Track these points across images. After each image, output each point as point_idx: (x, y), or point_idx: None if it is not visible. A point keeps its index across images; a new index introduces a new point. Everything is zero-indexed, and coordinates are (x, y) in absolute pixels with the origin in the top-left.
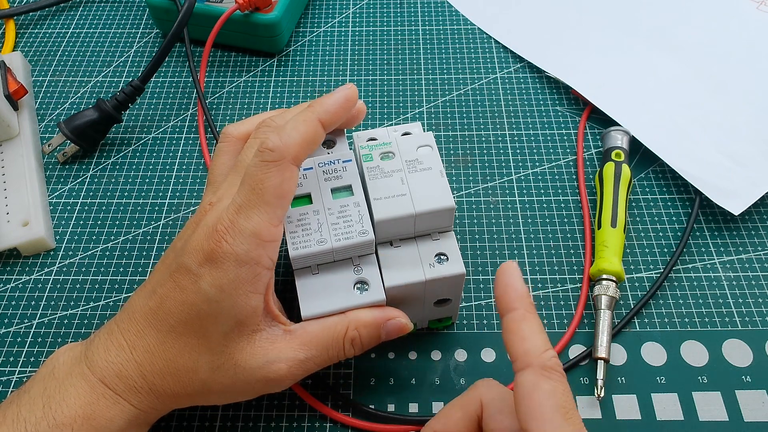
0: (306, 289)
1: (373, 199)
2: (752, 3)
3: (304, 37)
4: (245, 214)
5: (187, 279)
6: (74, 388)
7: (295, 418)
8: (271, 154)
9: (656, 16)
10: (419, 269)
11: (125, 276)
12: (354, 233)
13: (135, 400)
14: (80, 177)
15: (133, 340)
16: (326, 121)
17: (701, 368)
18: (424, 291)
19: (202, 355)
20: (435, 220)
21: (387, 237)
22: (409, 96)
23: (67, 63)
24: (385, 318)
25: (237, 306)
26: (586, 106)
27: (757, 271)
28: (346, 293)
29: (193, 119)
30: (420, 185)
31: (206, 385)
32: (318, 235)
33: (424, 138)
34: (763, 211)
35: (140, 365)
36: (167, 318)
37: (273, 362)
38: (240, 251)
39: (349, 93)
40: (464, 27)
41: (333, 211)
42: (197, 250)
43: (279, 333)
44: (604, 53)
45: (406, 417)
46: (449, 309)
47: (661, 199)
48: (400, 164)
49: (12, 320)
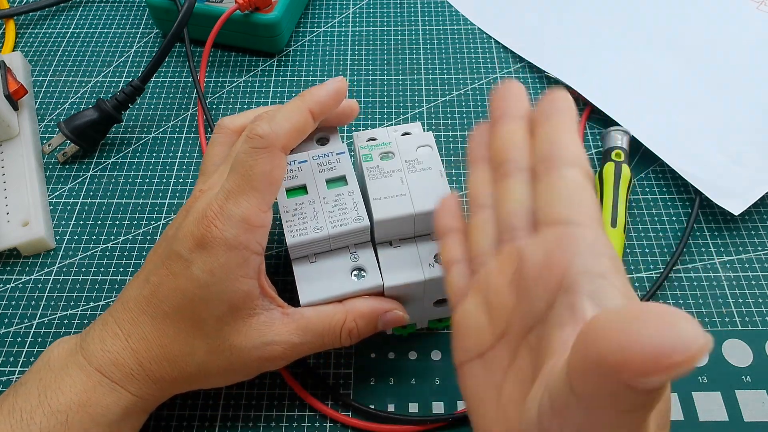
0: (304, 277)
1: (373, 199)
2: (752, 3)
3: (304, 37)
4: (234, 200)
5: (178, 265)
6: (70, 377)
7: (295, 418)
8: (261, 140)
9: (656, 16)
10: (419, 269)
11: (125, 276)
12: (349, 220)
13: (132, 388)
14: (80, 177)
15: (128, 329)
16: (316, 111)
17: (701, 368)
18: (423, 291)
19: (197, 339)
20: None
21: (387, 237)
22: (409, 96)
23: (67, 63)
24: (383, 309)
25: (229, 290)
26: (586, 106)
27: (757, 271)
28: (343, 280)
29: (193, 119)
30: (419, 185)
31: (203, 368)
32: (314, 222)
33: (424, 138)
34: (763, 211)
35: (136, 352)
36: (161, 305)
37: (268, 344)
38: (229, 236)
39: (339, 85)
40: (464, 27)
41: (328, 200)
42: (188, 236)
43: (277, 316)
44: (604, 53)
45: (406, 417)
46: (449, 309)
47: (661, 199)
48: (399, 164)
49: (12, 320)
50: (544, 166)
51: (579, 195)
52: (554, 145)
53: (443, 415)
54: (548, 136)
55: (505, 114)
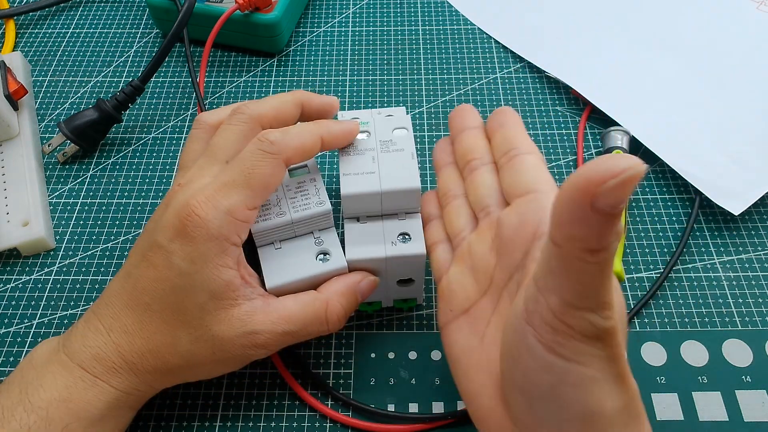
0: (270, 263)
1: (343, 174)
2: (752, 3)
3: (304, 37)
4: (226, 192)
5: (159, 256)
6: (51, 374)
7: (295, 418)
8: (271, 146)
9: (656, 15)
10: (381, 246)
11: None
12: (312, 204)
13: (115, 381)
14: (80, 177)
15: (109, 323)
16: (326, 141)
17: (701, 368)
18: (385, 268)
19: (179, 329)
20: (401, 200)
21: (354, 213)
22: (409, 96)
23: (67, 63)
24: (356, 281)
25: (209, 279)
26: (586, 106)
27: (757, 271)
28: (308, 263)
29: (193, 119)
30: (389, 165)
31: (187, 358)
32: (277, 209)
33: (402, 121)
34: (763, 211)
35: (118, 346)
36: (142, 296)
37: (251, 333)
38: (212, 225)
39: (353, 128)
40: (464, 27)
41: (291, 187)
42: (168, 227)
43: (258, 305)
44: (604, 53)
45: (406, 416)
46: (413, 290)
47: (661, 199)
48: (374, 143)
49: (12, 320)
50: (506, 157)
51: (540, 171)
52: (512, 141)
53: (443, 414)
54: (505, 136)
55: (464, 126)
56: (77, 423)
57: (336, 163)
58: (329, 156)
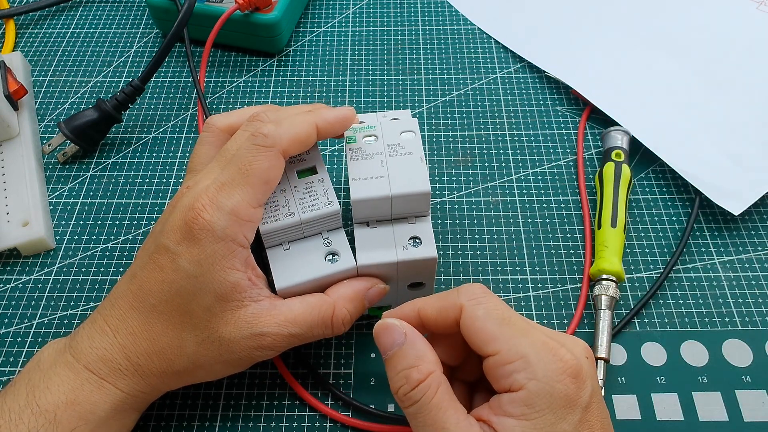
0: (279, 264)
1: (352, 179)
2: (752, 3)
3: (304, 37)
4: (227, 192)
5: (166, 258)
6: (58, 376)
7: (295, 418)
8: (265, 139)
9: (656, 15)
10: (392, 250)
11: None
12: (320, 205)
13: (120, 383)
14: (80, 177)
15: (115, 324)
16: (322, 128)
17: (701, 368)
18: (396, 272)
19: (186, 331)
20: (411, 204)
21: (364, 218)
22: (409, 96)
23: (67, 63)
24: (365, 287)
25: (216, 281)
26: (586, 106)
27: (757, 271)
28: (317, 264)
29: (193, 119)
30: (399, 169)
31: (193, 360)
32: (286, 209)
33: (409, 124)
34: (763, 211)
35: (124, 347)
36: (148, 298)
37: (257, 335)
38: (217, 227)
39: (348, 113)
40: (464, 27)
41: (299, 188)
42: (175, 229)
43: (265, 307)
44: (604, 53)
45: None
46: (424, 293)
47: (661, 199)
48: (381, 147)
49: (12, 320)
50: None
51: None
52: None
53: None
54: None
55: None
56: (84, 426)
57: (344, 163)
58: (337, 156)
